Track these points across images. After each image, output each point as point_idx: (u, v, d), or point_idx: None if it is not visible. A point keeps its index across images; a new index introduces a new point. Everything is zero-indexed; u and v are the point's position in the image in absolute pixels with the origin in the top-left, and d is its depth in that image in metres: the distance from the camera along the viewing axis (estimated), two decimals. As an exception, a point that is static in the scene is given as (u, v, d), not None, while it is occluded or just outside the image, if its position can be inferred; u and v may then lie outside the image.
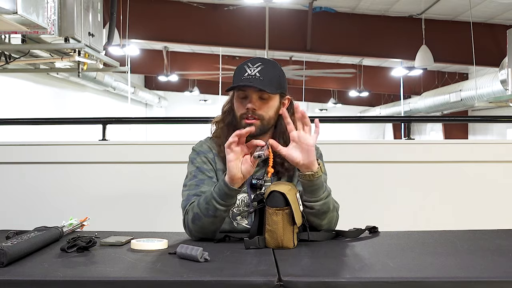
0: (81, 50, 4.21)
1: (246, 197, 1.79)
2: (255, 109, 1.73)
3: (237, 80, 1.75)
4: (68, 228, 1.70)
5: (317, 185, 1.65)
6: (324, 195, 1.68)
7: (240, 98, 1.77)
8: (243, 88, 1.74)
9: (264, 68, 1.74)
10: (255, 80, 1.71)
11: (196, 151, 1.85)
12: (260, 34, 8.62)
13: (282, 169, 1.80)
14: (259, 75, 1.72)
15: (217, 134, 1.85)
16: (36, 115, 8.66)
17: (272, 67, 1.77)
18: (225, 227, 1.79)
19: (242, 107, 1.76)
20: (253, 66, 1.74)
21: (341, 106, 18.46)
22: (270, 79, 1.73)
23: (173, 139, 2.79)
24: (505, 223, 2.04)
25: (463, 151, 2.82)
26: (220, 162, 1.81)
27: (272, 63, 1.79)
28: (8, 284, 1.22)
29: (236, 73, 1.77)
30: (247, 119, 1.74)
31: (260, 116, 1.74)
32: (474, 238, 1.71)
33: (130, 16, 7.97)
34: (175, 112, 20.74)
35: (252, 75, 1.72)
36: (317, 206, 1.67)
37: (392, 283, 1.22)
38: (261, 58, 1.79)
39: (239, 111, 1.77)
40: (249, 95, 1.74)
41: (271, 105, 1.76)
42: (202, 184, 1.76)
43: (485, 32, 8.97)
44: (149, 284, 1.24)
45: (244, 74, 1.73)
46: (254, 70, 1.73)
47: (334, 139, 2.72)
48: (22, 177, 2.74)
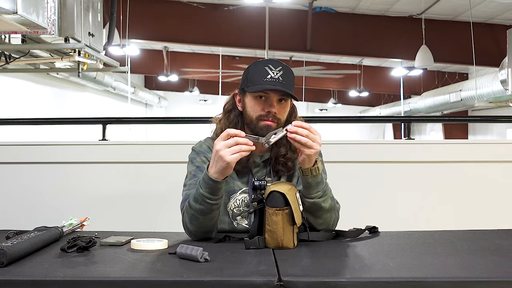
0: (81, 50, 4.21)
1: (246, 197, 1.80)
2: (275, 113, 1.74)
3: (258, 81, 1.73)
4: (68, 228, 1.70)
5: (310, 183, 1.67)
6: (317, 195, 1.69)
7: (258, 98, 1.76)
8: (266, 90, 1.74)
9: (284, 73, 1.74)
10: (279, 83, 1.72)
11: (196, 151, 1.85)
12: (260, 34, 8.62)
13: (284, 169, 1.81)
14: (282, 79, 1.73)
15: (218, 132, 1.83)
16: (36, 115, 8.66)
17: (290, 71, 1.79)
18: (225, 227, 1.80)
19: (260, 109, 1.75)
20: (275, 69, 1.74)
21: (341, 106, 18.47)
22: (290, 83, 1.75)
23: (173, 139, 2.79)
24: (505, 223, 2.04)
25: (463, 151, 2.82)
26: None
27: (289, 68, 1.80)
28: (8, 284, 1.22)
29: (255, 73, 1.76)
30: (267, 121, 1.74)
31: (278, 120, 1.76)
32: (474, 238, 1.71)
33: (130, 16, 7.96)
34: (175, 112, 20.74)
35: (275, 78, 1.72)
36: (307, 203, 1.69)
37: (392, 283, 1.22)
38: (279, 61, 1.79)
39: (257, 112, 1.75)
40: (271, 98, 1.74)
41: (287, 109, 1.79)
42: None
43: (485, 32, 8.97)
44: (149, 284, 1.24)
45: (266, 76, 1.72)
46: (277, 74, 1.73)
47: (334, 139, 2.72)
48: (22, 177, 2.73)
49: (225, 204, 1.81)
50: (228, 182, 1.79)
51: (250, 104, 1.77)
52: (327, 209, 1.72)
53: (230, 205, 1.81)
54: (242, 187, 1.81)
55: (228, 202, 1.81)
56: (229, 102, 1.86)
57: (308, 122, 1.85)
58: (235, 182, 1.81)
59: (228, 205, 1.81)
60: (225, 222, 1.80)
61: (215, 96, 17.70)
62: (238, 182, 1.81)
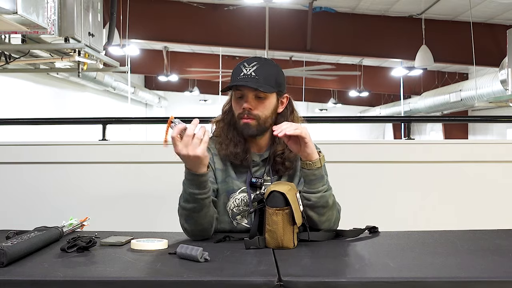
0: (81, 50, 4.21)
1: (246, 196, 1.80)
2: (251, 109, 1.75)
3: (233, 80, 1.77)
4: (68, 228, 1.70)
5: (316, 175, 1.68)
6: (323, 189, 1.69)
7: (237, 97, 1.79)
8: (239, 87, 1.76)
9: (259, 68, 1.75)
10: (250, 79, 1.73)
11: None
12: (260, 34, 8.62)
13: (283, 168, 1.81)
14: (255, 74, 1.73)
15: (217, 133, 1.88)
16: (36, 115, 8.66)
17: (269, 66, 1.78)
18: (225, 227, 1.80)
19: (239, 107, 1.78)
20: (249, 65, 1.76)
21: (341, 106, 18.46)
22: (266, 78, 1.74)
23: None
24: (505, 223, 2.04)
25: (463, 151, 2.82)
26: (219, 161, 1.83)
27: (268, 62, 1.80)
28: (8, 284, 1.22)
29: (233, 73, 1.79)
30: (244, 119, 1.76)
31: (256, 116, 1.76)
32: (474, 238, 1.71)
33: (130, 16, 7.96)
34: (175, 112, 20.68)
35: (248, 75, 1.74)
36: (314, 198, 1.69)
37: (392, 283, 1.22)
38: (258, 58, 1.81)
39: (237, 111, 1.79)
40: (245, 95, 1.76)
41: (268, 105, 1.77)
42: None
43: (485, 32, 8.96)
44: (149, 284, 1.24)
45: (240, 74, 1.75)
46: (250, 70, 1.74)
47: (334, 139, 2.72)
48: (22, 177, 2.73)
49: (225, 203, 1.81)
50: (227, 181, 1.81)
51: (233, 104, 1.81)
52: (331, 205, 1.72)
53: (229, 205, 1.81)
54: (241, 187, 1.81)
55: (227, 202, 1.81)
56: (227, 104, 1.89)
57: (308, 122, 1.85)
58: (234, 181, 1.81)
59: (227, 204, 1.81)
60: (225, 222, 1.81)
61: (215, 96, 17.71)
62: (237, 182, 1.81)
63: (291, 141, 1.68)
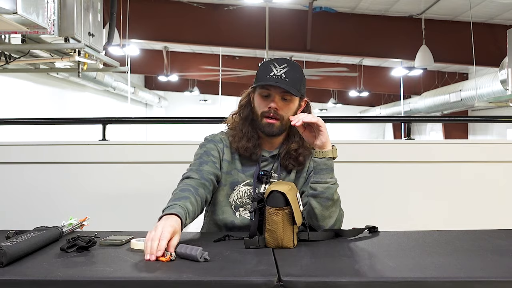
0: (81, 50, 4.21)
1: (249, 189, 1.83)
2: (277, 109, 1.78)
3: (262, 78, 1.78)
4: (68, 228, 1.70)
5: (327, 165, 1.71)
6: (331, 181, 1.72)
7: (263, 96, 1.81)
8: (267, 86, 1.78)
9: (289, 70, 1.78)
10: (280, 80, 1.75)
11: (208, 139, 1.92)
12: (260, 34, 8.62)
13: (294, 163, 1.85)
14: (285, 76, 1.76)
15: (232, 126, 1.91)
16: (36, 115, 8.66)
17: (297, 69, 1.81)
18: (227, 217, 1.83)
19: (264, 105, 1.80)
20: (279, 66, 1.78)
21: (341, 106, 18.47)
22: (294, 81, 1.78)
23: (173, 139, 2.79)
24: (505, 223, 2.04)
25: (463, 151, 2.82)
26: (228, 153, 1.87)
27: (296, 66, 1.83)
28: (8, 284, 1.22)
29: (261, 70, 1.81)
30: (268, 118, 1.79)
31: (280, 117, 1.80)
32: (474, 238, 1.71)
33: (130, 16, 7.97)
34: (175, 112, 20.74)
35: (278, 75, 1.76)
36: (320, 188, 1.70)
37: (392, 283, 1.22)
38: (287, 60, 1.83)
39: (261, 109, 1.81)
40: (273, 95, 1.79)
41: (291, 107, 1.81)
42: (205, 164, 1.81)
43: (485, 32, 8.97)
44: (149, 284, 1.23)
45: (270, 73, 1.77)
46: (280, 71, 1.77)
47: (334, 139, 2.70)
48: (22, 177, 2.74)
49: (228, 195, 1.85)
50: (232, 174, 1.86)
51: (257, 100, 1.83)
52: (335, 201, 1.73)
53: (233, 196, 1.85)
54: (245, 180, 1.85)
55: (231, 194, 1.85)
56: (245, 99, 1.91)
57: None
58: (239, 174, 1.85)
59: (230, 196, 1.85)
60: (228, 213, 1.84)
61: (215, 96, 17.72)
62: (242, 175, 1.85)
63: (307, 130, 1.72)
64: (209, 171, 1.79)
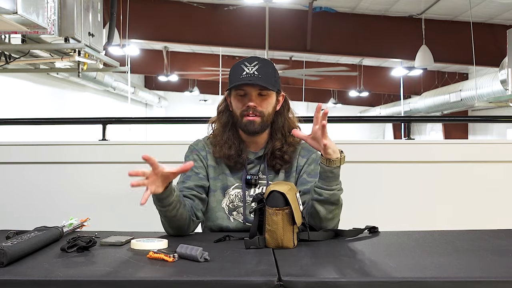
0: (81, 50, 4.21)
1: (239, 192, 1.83)
2: (256, 106, 1.78)
3: (234, 79, 1.79)
4: (68, 228, 1.70)
5: (334, 173, 1.68)
6: (337, 187, 1.70)
7: (239, 96, 1.81)
8: (241, 87, 1.78)
9: (261, 67, 1.78)
10: (254, 78, 1.76)
11: (191, 148, 1.92)
12: (260, 34, 8.62)
13: (281, 162, 1.84)
14: (257, 73, 1.77)
15: (214, 133, 1.92)
16: (36, 115, 8.66)
17: (268, 65, 1.82)
18: (221, 223, 1.84)
19: (242, 105, 1.80)
20: (250, 65, 1.79)
21: (341, 106, 18.46)
22: (267, 76, 1.78)
23: (173, 139, 2.79)
24: (505, 223, 2.04)
25: (463, 151, 2.82)
26: (213, 159, 1.87)
27: (267, 62, 1.84)
28: (8, 284, 1.22)
29: (232, 73, 1.81)
30: (248, 116, 1.79)
31: (260, 113, 1.80)
32: (474, 238, 1.71)
33: (130, 16, 7.96)
34: (175, 112, 20.74)
35: (250, 74, 1.77)
36: (326, 194, 1.69)
37: (392, 283, 1.22)
38: (257, 57, 1.84)
39: (239, 109, 1.81)
40: (249, 93, 1.79)
41: (270, 102, 1.82)
42: (188, 180, 1.82)
43: (485, 32, 8.96)
44: (149, 284, 1.24)
45: (242, 73, 1.77)
46: (252, 69, 1.77)
47: (334, 139, 2.70)
48: (22, 177, 2.73)
49: (219, 201, 1.85)
50: (221, 179, 1.85)
51: (234, 103, 1.83)
52: (339, 205, 1.74)
53: (225, 201, 1.85)
54: (235, 183, 1.85)
55: (222, 199, 1.85)
56: (222, 104, 1.91)
57: (308, 122, 1.85)
58: (228, 178, 1.85)
59: (222, 201, 1.85)
60: (221, 218, 1.84)
61: (215, 96, 17.70)
62: (231, 178, 1.85)
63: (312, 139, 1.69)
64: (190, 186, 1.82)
